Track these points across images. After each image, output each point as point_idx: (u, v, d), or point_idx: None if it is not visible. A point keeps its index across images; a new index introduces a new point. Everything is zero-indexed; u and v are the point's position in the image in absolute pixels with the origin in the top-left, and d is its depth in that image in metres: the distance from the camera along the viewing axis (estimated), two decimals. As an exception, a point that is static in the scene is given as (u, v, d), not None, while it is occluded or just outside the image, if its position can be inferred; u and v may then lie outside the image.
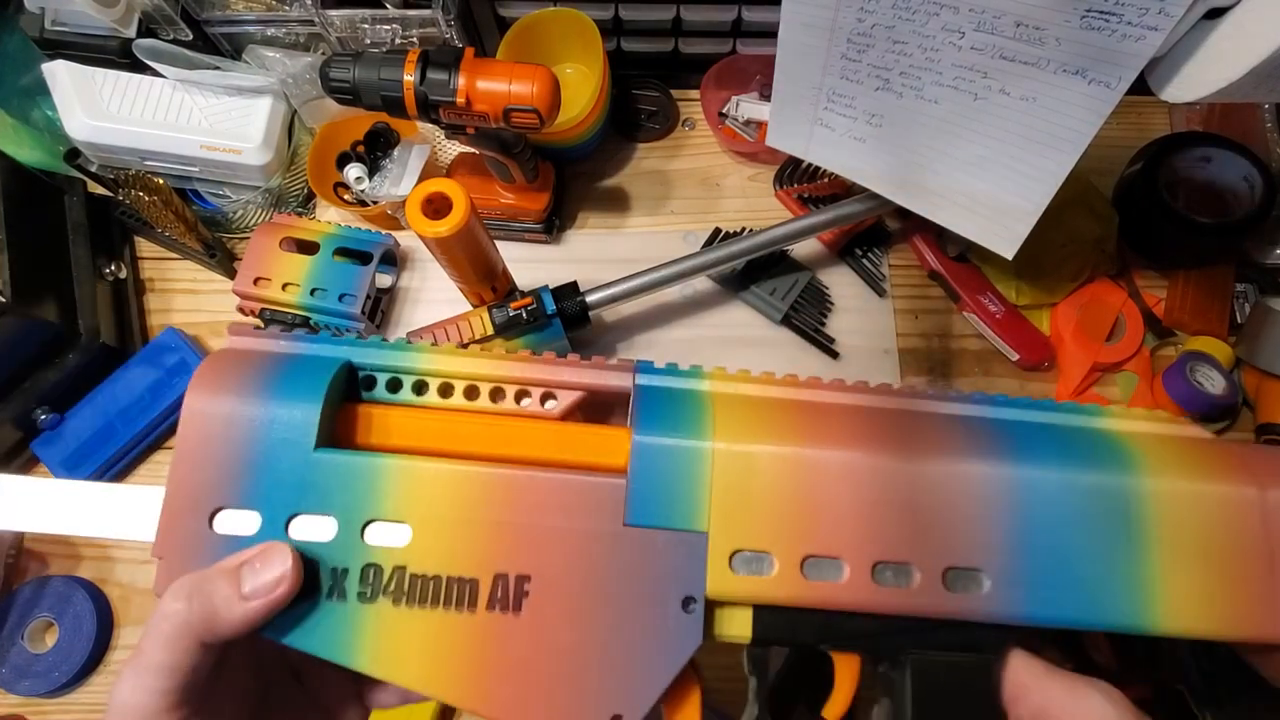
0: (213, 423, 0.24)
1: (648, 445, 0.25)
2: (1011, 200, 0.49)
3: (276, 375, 0.25)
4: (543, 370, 0.27)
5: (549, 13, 0.64)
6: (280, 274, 0.63)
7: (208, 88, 0.66)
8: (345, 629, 0.24)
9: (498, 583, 0.24)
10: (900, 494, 0.25)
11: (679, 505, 0.24)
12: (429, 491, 0.24)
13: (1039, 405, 0.28)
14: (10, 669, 0.60)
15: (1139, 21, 0.38)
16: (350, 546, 0.24)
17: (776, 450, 0.25)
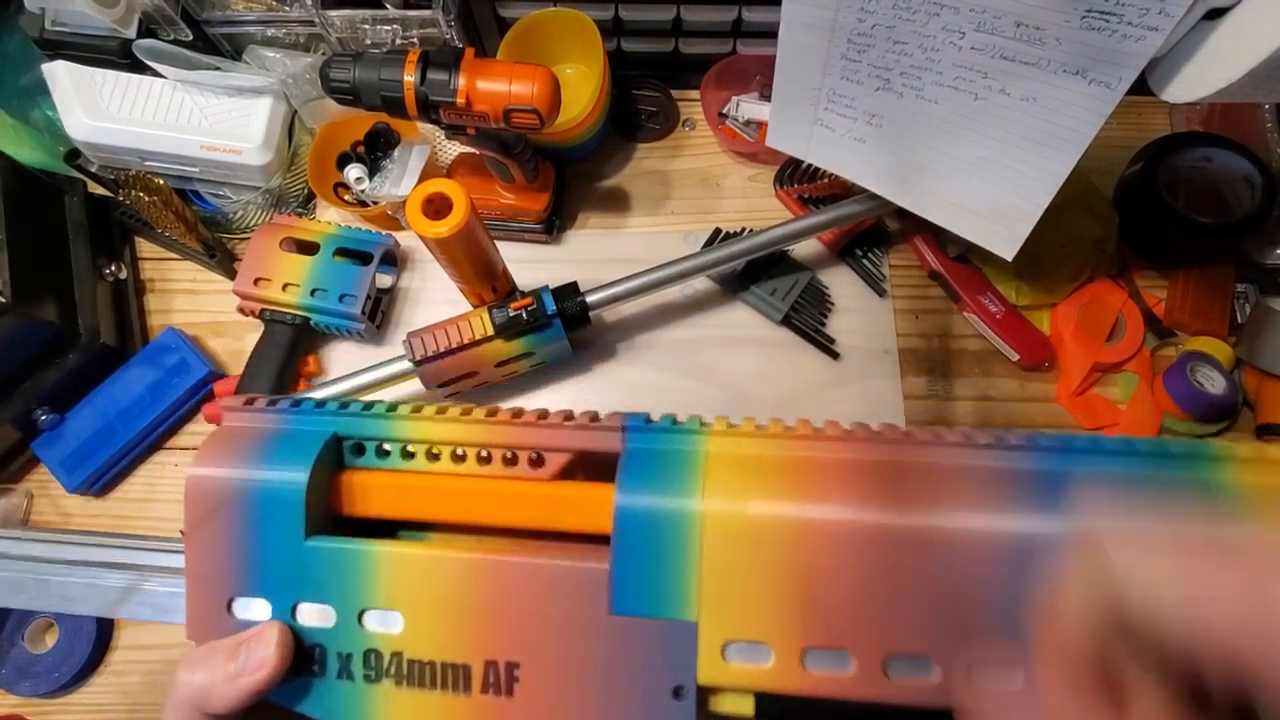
0: (211, 507, 0.25)
1: (629, 511, 0.23)
2: (1011, 200, 0.49)
3: (264, 458, 0.26)
4: (527, 433, 0.26)
5: (549, 13, 0.64)
6: (280, 274, 0.63)
7: (208, 88, 0.66)
8: (357, 707, 0.25)
9: (489, 668, 0.24)
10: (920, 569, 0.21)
11: (665, 591, 0.23)
12: (416, 579, 0.25)
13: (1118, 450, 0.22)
14: (10, 669, 0.60)
15: (1139, 22, 0.38)
16: (351, 633, 0.25)
17: (769, 512, 0.22)
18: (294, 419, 0.27)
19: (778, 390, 0.64)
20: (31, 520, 0.65)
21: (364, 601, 0.25)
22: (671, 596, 0.23)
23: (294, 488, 0.25)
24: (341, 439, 0.27)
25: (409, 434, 0.26)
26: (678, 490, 0.23)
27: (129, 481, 0.66)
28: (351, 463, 0.27)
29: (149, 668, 0.62)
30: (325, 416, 0.27)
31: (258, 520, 0.25)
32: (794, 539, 0.22)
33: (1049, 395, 0.64)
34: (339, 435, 0.27)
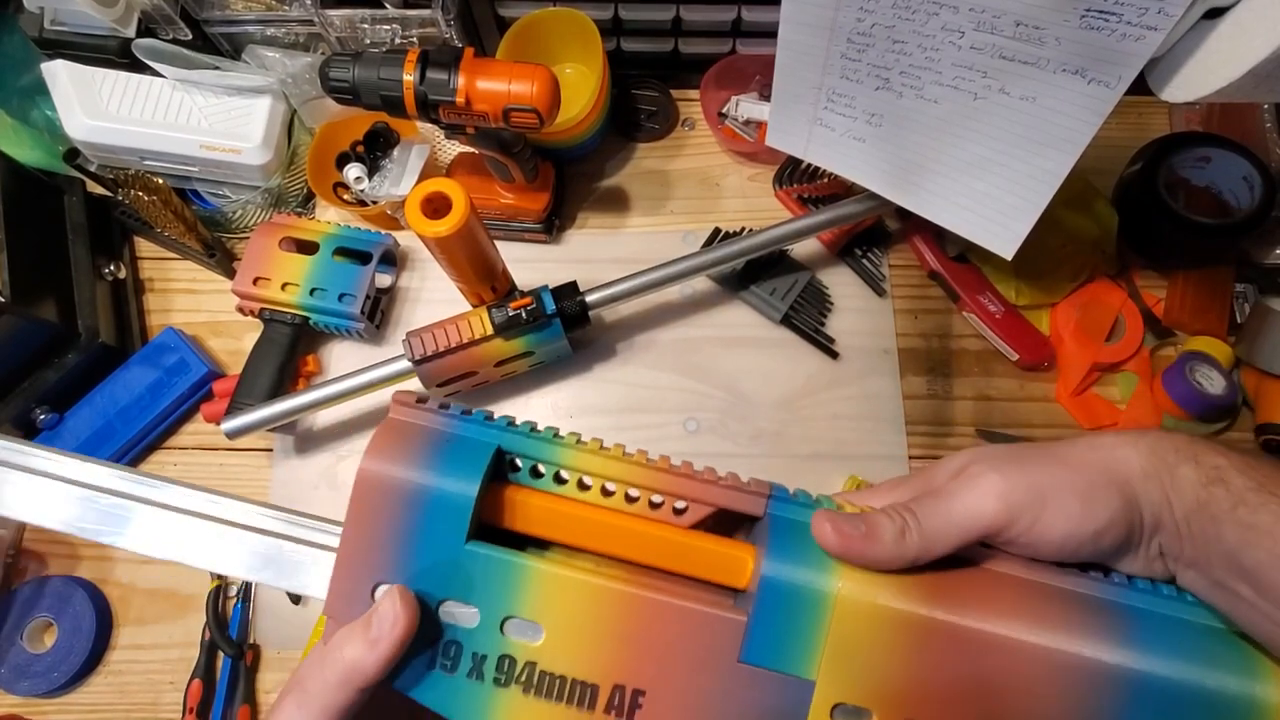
0: (379, 497, 0.26)
1: (773, 581, 0.26)
2: (1011, 200, 0.49)
3: (437, 459, 0.27)
4: (677, 482, 0.27)
5: (549, 13, 0.64)
6: (280, 274, 0.63)
7: (207, 88, 0.66)
8: (482, 707, 0.26)
9: (615, 692, 0.26)
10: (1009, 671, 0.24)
11: (792, 651, 0.25)
12: (564, 599, 0.26)
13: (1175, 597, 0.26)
14: (9, 669, 0.60)
15: (1139, 21, 0.38)
16: (490, 637, 0.26)
17: (895, 604, 0.25)
18: (462, 424, 0.28)
19: (777, 390, 0.64)
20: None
21: (510, 610, 0.26)
22: (798, 656, 0.25)
23: (465, 495, 0.26)
24: (504, 453, 0.28)
25: (567, 461, 0.28)
26: (819, 568, 0.26)
27: (128, 481, 0.66)
28: (509, 477, 0.28)
29: (147, 668, 0.62)
30: (492, 429, 0.28)
31: (424, 519, 0.26)
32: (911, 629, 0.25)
33: (1048, 395, 0.64)
34: (502, 449, 0.28)
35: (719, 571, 0.27)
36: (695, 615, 0.26)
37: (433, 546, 0.26)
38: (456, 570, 0.26)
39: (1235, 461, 0.25)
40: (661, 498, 0.28)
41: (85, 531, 0.28)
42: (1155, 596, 0.26)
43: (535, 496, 0.28)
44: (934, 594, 0.26)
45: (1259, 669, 0.24)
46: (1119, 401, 0.63)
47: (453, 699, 0.26)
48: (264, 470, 0.65)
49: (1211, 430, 0.61)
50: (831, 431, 0.63)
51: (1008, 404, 0.64)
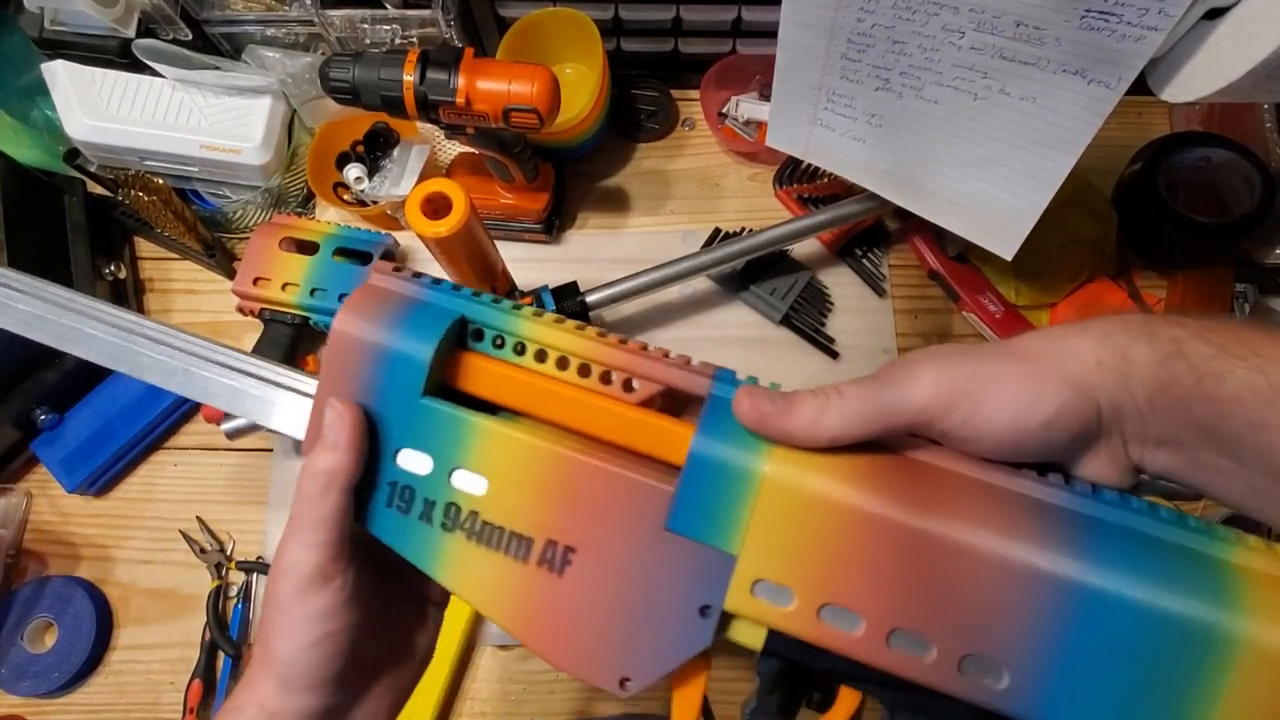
0: (349, 353, 0.29)
1: (700, 458, 0.26)
2: (1011, 200, 0.49)
3: (401, 321, 0.29)
4: (628, 359, 0.29)
5: (549, 13, 0.64)
6: (280, 274, 0.63)
7: (207, 88, 0.66)
8: (430, 547, 0.28)
9: (548, 547, 0.27)
10: (940, 567, 0.24)
11: (717, 524, 0.26)
12: (508, 455, 0.28)
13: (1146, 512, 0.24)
14: (10, 669, 0.60)
15: (1139, 21, 0.38)
16: (440, 484, 0.28)
17: (824, 489, 0.25)
18: (430, 293, 0.30)
19: (777, 390, 0.64)
20: (31, 520, 0.65)
21: (457, 461, 0.28)
22: (721, 529, 0.26)
23: (421, 355, 0.28)
24: (467, 322, 0.30)
25: (526, 333, 0.29)
26: (749, 448, 0.26)
27: (128, 481, 0.66)
28: (471, 345, 0.30)
29: (147, 668, 0.62)
30: (458, 299, 0.30)
31: (385, 373, 0.28)
32: (837, 514, 0.25)
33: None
34: (465, 318, 0.30)
35: (658, 446, 0.28)
36: (626, 481, 0.27)
37: (393, 399, 0.29)
38: (413, 422, 0.28)
39: (1193, 329, 0.23)
40: (614, 374, 0.29)
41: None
42: (1123, 509, 0.24)
43: (494, 364, 0.30)
44: (867, 483, 0.25)
45: (1231, 599, 0.22)
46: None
47: (406, 538, 0.29)
48: (264, 470, 0.65)
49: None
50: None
51: (1008, 404, 0.64)
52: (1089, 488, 0.25)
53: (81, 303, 0.33)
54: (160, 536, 0.64)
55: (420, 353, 0.28)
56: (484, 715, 0.60)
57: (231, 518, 0.65)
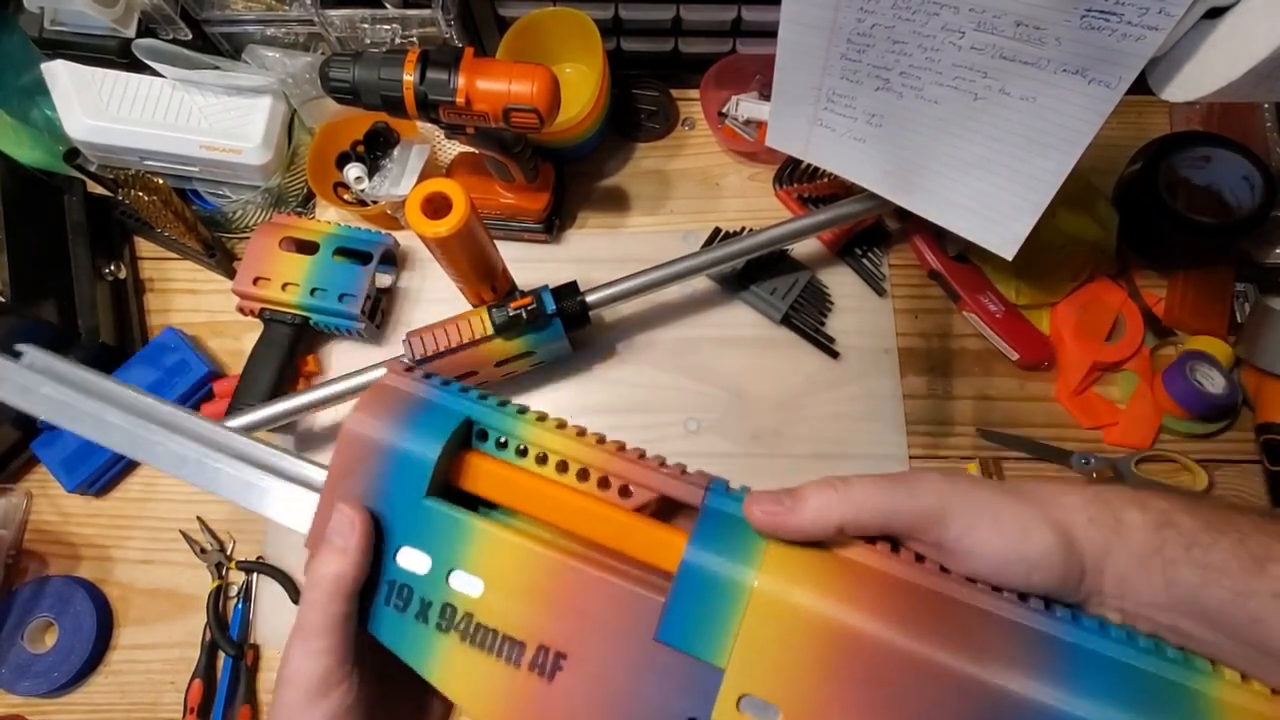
0: (358, 450, 0.30)
1: (691, 569, 0.27)
2: (1011, 200, 0.49)
3: (410, 421, 0.30)
4: (625, 466, 0.29)
5: (549, 12, 0.64)
6: (280, 274, 0.63)
7: (207, 87, 0.66)
8: (425, 647, 0.29)
9: (540, 651, 0.28)
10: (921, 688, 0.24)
11: (705, 636, 0.26)
12: (504, 558, 0.28)
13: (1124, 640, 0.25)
14: (10, 669, 0.60)
15: (1139, 21, 0.38)
16: (437, 584, 0.29)
17: (810, 605, 0.25)
18: (439, 394, 0.31)
19: (777, 390, 0.64)
20: (31, 520, 0.65)
21: (455, 562, 0.28)
22: (709, 642, 0.26)
23: (428, 456, 0.29)
24: (473, 423, 0.31)
25: (529, 437, 0.30)
26: (739, 560, 0.26)
27: (128, 481, 0.66)
28: (476, 445, 0.31)
29: (148, 668, 0.62)
30: (465, 400, 0.31)
31: (391, 472, 0.29)
32: (823, 631, 0.25)
33: (1048, 395, 0.64)
34: (471, 420, 0.31)
35: (651, 552, 0.28)
36: (618, 590, 0.27)
37: (397, 498, 0.29)
38: (415, 521, 0.29)
39: (1179, 503, 0.25)
40: (611, 479, 0.29)
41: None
42: (1102, 637, 0.25)
43: (496, 465, 0.30)
44: (856, 600, 0.25)
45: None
46: (1119, 401, 0.63)
47: (402, 637, 0.29)
48: (264, 470, 0.65)
49: (1211, 429, 0.61)
50: (832, 431, 0.63)
51: (1008, 403, 0.64)
52: (1069, 613, 0.25)
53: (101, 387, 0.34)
54: (160, 536, 0.64)
55: (426, 454, 0.29)
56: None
57: (232, 518, 0.65)
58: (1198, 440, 0.62)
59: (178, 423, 0.33)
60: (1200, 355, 0.61)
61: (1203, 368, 0.60)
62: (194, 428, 0.33)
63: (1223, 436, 0.62)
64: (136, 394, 0.34)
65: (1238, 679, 0.24)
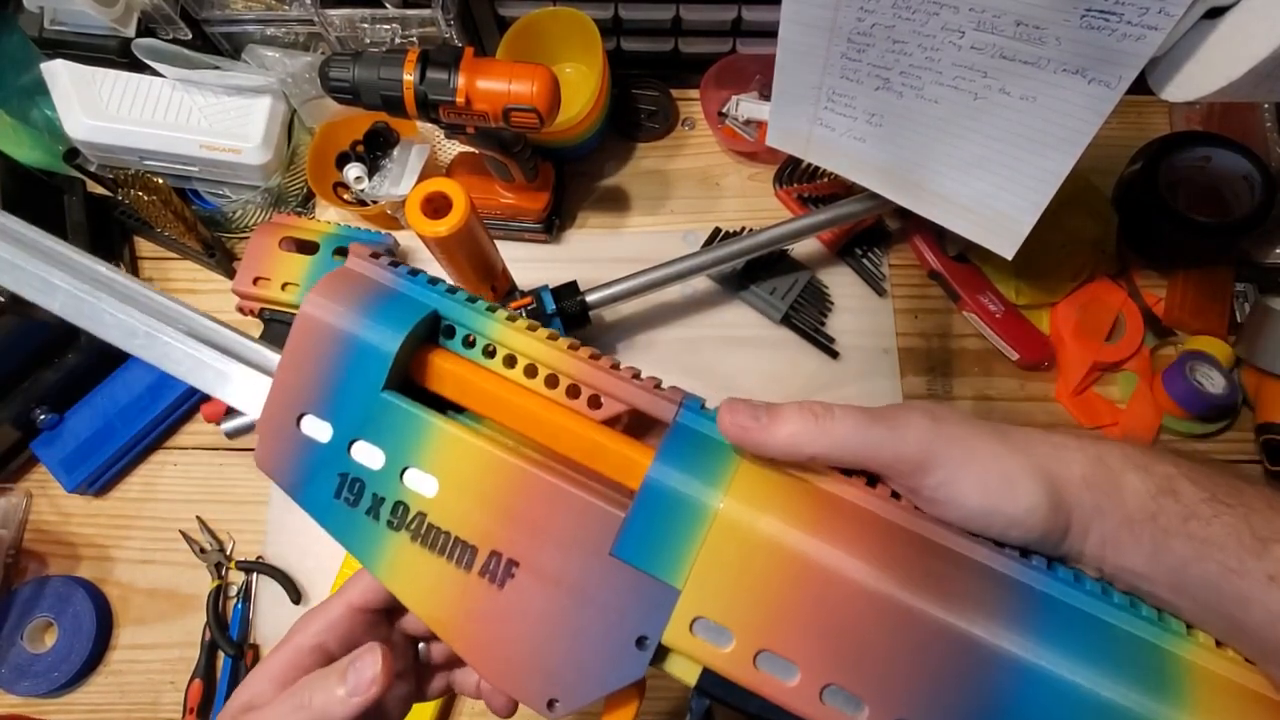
0: (315, 336, 0.28)
1: (655, 486, 0.26)
2: (1011, 200, 0.49)
3: (371, 309, 0.28)
4: (597, 375, 0.28)
5: (548, 12, 0.64)
6: (280, 274, 0.63)
7: (207, 87, 0.66)
8: (373, 544, 0.28)
9: (492, 558, 0.27)
10: (882, 628, 0.23)
11: (663, 556, 0.25)
12: (461, 460, 0.27)
13: (1099, 595, 0.24)
14: (10, 669, 0.60)
15: (1139, 21, 0.38)
16: (390, 481, 0.28)
17: (776, 534, 0.24)
18: (405, 283, 0.29)
19: (777, 389, 0.64)
20: (30, 520, 0.65)
21: (410, 460, 0.27)
22: (666, 561, 0.25)
23: (387, 347, 0.27)
24: (440, 317, 0.29)
25: (498, 336, 0.29)
26: (705, 481, 0.25)
27: (128, 481, 0.66)
28: (441, 342, 0.29)
29: (148, 668, 0.62)
30: (432, 293, 0.29)
31: (349, 362, 0.28)
32: (787, 562, 0.24)
33: (1048, 394, 0.64)
34: (439, 314, 0.29)
35: (615, 468, 0.28)
36: (577, 501, 0.26)
37: (353, 388, 0.28)
38: (370, 414, 0.28)
39: (1186, 470, 0.24)
40: (582, 389, 0.28)
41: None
42: (1076, 589, 0.24)
43: (461, 364, 0.29)
44: (822, 532, 0.24)
45: (1174, 694, 0.22)
46: (1119, 401, 0.63)
47: (350, 531, 0.28)
48: (264, 470, 0.65)
49: (1211, 429, 0.61)
50: (832, 431, 0.63)
51: (1008, 403, 0.64)
52: (1043, 562, 0.25)
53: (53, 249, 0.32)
54: (160, 536, 0.64)
55: (386, 344, 0.27)
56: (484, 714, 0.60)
57: (231, 518, 0.65)
58: (1198, 440, 0.62)
59: (130, 294, 0.31)
60: (1200, 355, 0.61)
61: (1203, 368, 0.60)
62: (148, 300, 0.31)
63: (1223, 436, 0.62)
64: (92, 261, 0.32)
65: (1211, 644, 0.23)
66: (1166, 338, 0.64)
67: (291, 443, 0.28)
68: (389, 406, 0.28)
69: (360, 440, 0.28)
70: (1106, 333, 0.63)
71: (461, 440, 0.27)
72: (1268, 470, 0.59)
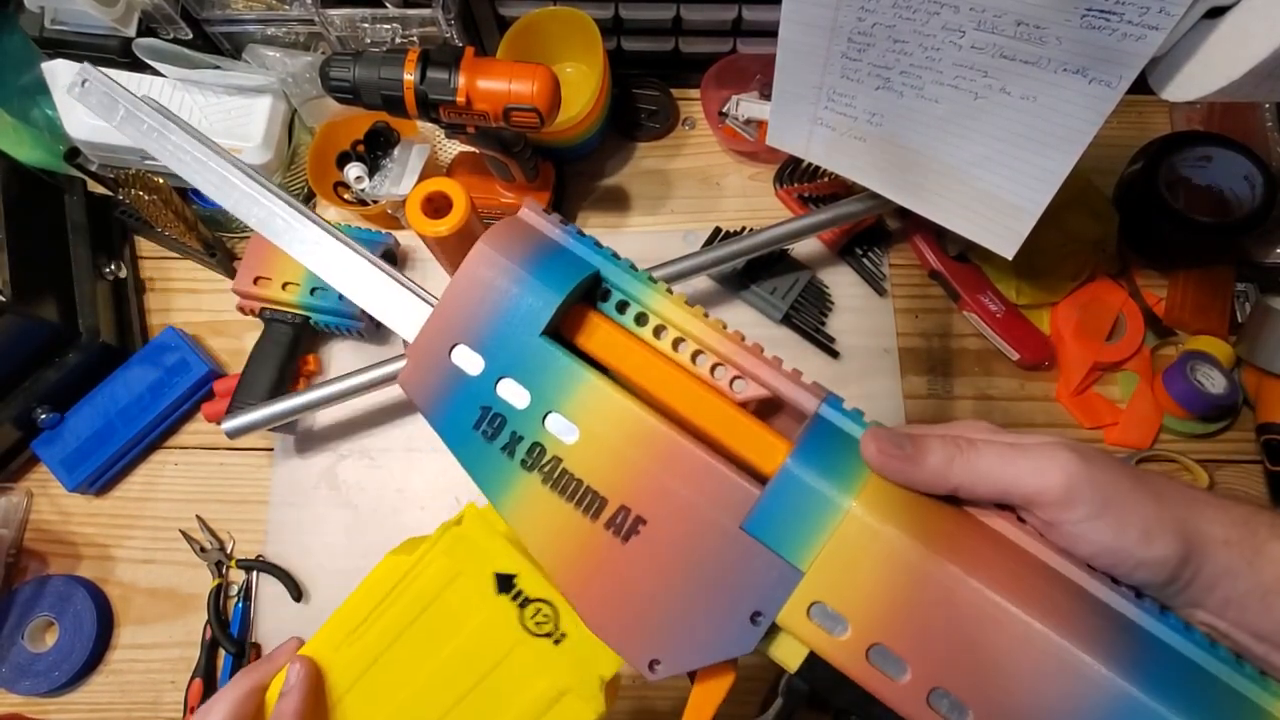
0: (482, 275, 0.30)
1: (794, 475, 0.26)
2: (1012, 200, 0.49)
3: (540, 260, 0.29)
4: (744, 357, 0.29)
5: (549, 12, 0.64)
6: (280, 273, 0.63)
7: (208, 87, 0.66)
8: (504, 480, 0.28)
9: (620, 512, 0.27)
10: (997, 643, 0.24)
11: (793, 537, 0.26)
12: (606, 413, 0.28)
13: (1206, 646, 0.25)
14: (10, 668, 0.60)
15: (1139, 21, 0.38)
16: (532, 422, 0.28)
17: (903, 544, 0.25)
18: (573, 241, 0.31)
19: (778, 389, 0.64)
20: (31, 519, 0.65)
21: (555, 405, 0.28)
22: (795, 544, 0.26)
23: (551, 297, 0.28)
24: (600, 279, 0.30)
25: (654, 305, 0.30)
26: (841, 480, 0.26)
27: (129, 480, 0.66)
28: (597, 304, 0.31)
29: (148, 667, 0.62)
30: (598, 255, 0.31)
31: (511, 303, 0.29)
32: (909, 568, 0.25)
33: (1049, 394, 0.64)
34: (600, 275, 0.30)
35: (751, 449, 0.28)
36: (715, 472, 0.27)
37: (511, 329, 0.29)
38: (523, 356, 0.28)
39: None
40: (725, 368, 0.29)
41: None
42: (1183, 636, 0.24)
43: (613, 328, 0.30)
44: (948, 542, 0.25)
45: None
46: (1120, 401, 0.63)
47: (482, 463, 0.29)
48: (264, 470, 0.65)
49: (1212, 430, 0.61)
50: (832, 431, 0.63)
51: (1008, 403, 0.64)
52: (1156, 607, 0.25)
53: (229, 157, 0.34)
54: (161, 535, 0.64)
55: (549, 296, 0.28)
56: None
57: (232, 517, 0.65)
58: (1198, 440, 0.62)
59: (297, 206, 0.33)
60: (1201, 355, 0.61)
61: (1203, 367, 0.60)
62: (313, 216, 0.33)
63: (1223, 436, 0.62)
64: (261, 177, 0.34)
65: None
66: (1167, 337, 0.64)
67: (441, 369, 0.29)
68: (543, 351, 0.28)
69: (508, 379, 0.29)
70: (1107, 332, 0.63)
71: (609, 395, 0.28)
72: (1268, 470, 0.59)
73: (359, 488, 0.64)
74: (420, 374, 0.30)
